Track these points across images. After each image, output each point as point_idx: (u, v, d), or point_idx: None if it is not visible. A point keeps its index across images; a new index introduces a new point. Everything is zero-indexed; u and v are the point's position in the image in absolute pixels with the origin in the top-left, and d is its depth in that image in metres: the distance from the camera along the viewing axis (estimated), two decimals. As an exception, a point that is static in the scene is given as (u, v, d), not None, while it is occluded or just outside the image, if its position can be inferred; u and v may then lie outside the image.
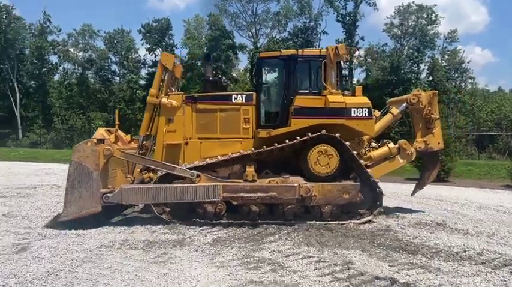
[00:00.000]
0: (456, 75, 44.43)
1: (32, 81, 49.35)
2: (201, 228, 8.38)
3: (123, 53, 48.87)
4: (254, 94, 9.43)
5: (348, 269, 6.07)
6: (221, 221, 8.69)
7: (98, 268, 5.92)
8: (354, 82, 45.70)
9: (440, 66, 42.53)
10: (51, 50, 49.84)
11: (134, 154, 9.01)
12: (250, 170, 8.82)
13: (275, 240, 7.62)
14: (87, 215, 8.21)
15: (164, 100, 9.19)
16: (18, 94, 46.61)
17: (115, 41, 49.97)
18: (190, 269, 5.95)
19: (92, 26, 51.25)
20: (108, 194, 8.24)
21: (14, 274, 5.59)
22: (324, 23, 44.00)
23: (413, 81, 39.91)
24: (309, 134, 8.77)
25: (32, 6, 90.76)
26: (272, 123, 9.29)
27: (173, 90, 9.72)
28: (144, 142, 9.44)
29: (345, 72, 45.86)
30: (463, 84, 44.83)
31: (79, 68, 51.27)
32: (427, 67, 42.98)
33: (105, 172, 8.47)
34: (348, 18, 42.07)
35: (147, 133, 9.45)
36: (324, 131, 8.74)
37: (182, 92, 9.68)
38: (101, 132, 9.73)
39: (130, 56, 49.62)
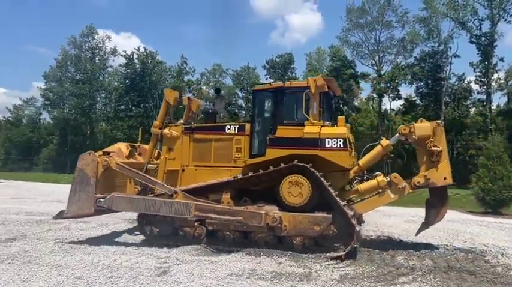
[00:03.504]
0: None
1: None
2: (327, 262, 8.19)
3: (248, 88, 52.00)
4: (247, 125, 9.81)
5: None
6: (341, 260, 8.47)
7: (229, 296, 6.14)
8: (493, 108, 41.40)
9: None
10: (187, 89, 55.46)
11: (128, 167, 9.74)
12: (225, 197, 9.29)
13: (408, 281, 7.05)
14: (85, 215, 9.63)
15: (166, 131, 10.14)
16: (159, 129, 52.51)
17: (242, 78, 53.73)
18: (318, 306, 5.81)
19: (222, 66, 56.07)
20: (101, 199, 9.22)
21: (156, 296, 6.10)
22: (456, 46, 40.89)
23: None
24: (282, 164, 8.85)
25: (172, 51, 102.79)
26: (260, 153, 9.40)
27: (176, 121, 10.51)
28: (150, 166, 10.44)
29: (481, 96, 41.87)
30: None
31: (210, 104, 55.95)
32: None
33: (104, 179, 9.57)
34: (483, 39, 38.70)
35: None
36: (296, 161, 8.74)
37: (182, 123, 10.41)
38: (117, 146, 11.15)
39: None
